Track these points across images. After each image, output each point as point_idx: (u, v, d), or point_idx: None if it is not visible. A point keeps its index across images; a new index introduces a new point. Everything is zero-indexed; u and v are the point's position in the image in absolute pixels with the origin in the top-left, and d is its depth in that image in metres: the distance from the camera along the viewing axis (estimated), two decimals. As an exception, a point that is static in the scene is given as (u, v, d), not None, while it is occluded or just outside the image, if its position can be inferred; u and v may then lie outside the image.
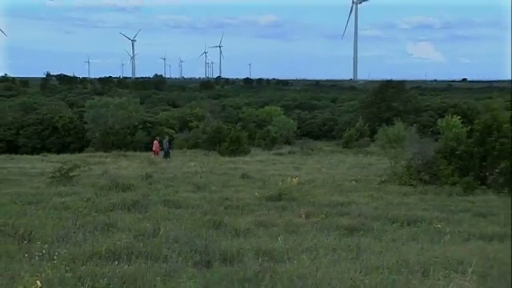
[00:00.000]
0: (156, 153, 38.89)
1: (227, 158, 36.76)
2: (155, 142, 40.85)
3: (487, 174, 20.50)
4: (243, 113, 72.85)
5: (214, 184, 20.40)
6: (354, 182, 22.06)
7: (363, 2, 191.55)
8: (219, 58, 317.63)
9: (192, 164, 30.25)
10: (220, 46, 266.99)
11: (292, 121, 66.18)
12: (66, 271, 7.46)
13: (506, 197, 18.20)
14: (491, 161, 20.50)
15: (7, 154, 42.98)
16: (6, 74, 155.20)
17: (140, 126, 54.43)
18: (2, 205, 14.56)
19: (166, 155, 37.54)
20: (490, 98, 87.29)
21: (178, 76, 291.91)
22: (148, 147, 48.79)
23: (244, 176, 23.30)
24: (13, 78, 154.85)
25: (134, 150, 46.22)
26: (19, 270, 7.74)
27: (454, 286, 6.76)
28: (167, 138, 42.15)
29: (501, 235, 11.92)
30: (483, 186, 19.78)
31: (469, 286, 6.88)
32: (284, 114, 69.84)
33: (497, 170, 20.05)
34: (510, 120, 22.88)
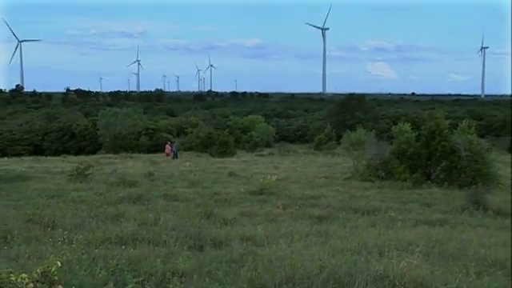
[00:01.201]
0: (168, 154, 38.79)
1: (217, 159, 36.67)
2: (167, 145, 40.71)
3: (432, 171, 20.67)
4: (230, 121, 72.57)
5: (205, 181, 20.31)
6: (323, 178, 22.06)
7: (326, 31, 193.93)
8: (210, 75, 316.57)
9: (187, 164, 30.13)
10: (211, 65, 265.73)
11: (271, 127, 66.12)
12: (83, 253, 7.48)
13: (446, 189, 18.38)
14: (435, 160, 20.67)
15: (34, 156, 42.76)
16: (34, 90, 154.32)
17: (143, 132, 54.12)
18: (30, 198, 14.52)
19: (175, 156, 37.68)
20: (433, 108, 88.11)
21: (175, 90, 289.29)
22: (150, 150, 48.62)
23: (231, 174, 23.22)
24: (40, 92, 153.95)
25: (139, 152, 45.91)
26: (45, 251, 7.77)
27: (404, 264, 6.81)
28: (176, 142, 42.26)
29: (442, 220, 12.06)
30: (428, 181, 19.93)
31: (416, 263, 6.95)
32: (265, 122, 69.74)
33: (439, 168, 20.26)
34: (449, 127, 23.12)
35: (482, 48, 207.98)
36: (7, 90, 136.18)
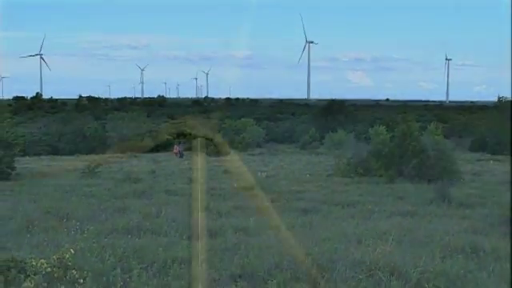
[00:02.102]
0: (176, 154, 38.88)
1: (213, 158, 36.63)
2: (175, 146, 40.89)
3: (404, 168, 20.73)
4: (225, 123, 72.52)
5: (202, 177, 20.25)
6: (308, 175, 22.08)
7: (312, 44, 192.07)
8: (207, 83, 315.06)
9: (186, 162, 30.07)
10: (207, 73, 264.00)
11: (261, 129, 65.72)
12: (93, 242, 7.52)
13: (417, 184, 18.46)
14: (407, 158, 20.71)
15: (51, 155, 42.99)
16: (51, 97, 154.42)
17: (147, 134, 54.05)
18: (48, 193, 14.46)
19: (181, 156, 37.70)
20: (405, 112, 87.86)
21: (175, 96, 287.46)
22: (153, 150, 48.38)
23: (225, 171, 23.19)
24: (56, 99, 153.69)
25: (143, 152, 45.75)
26: (61, 240, 7.85)
27: (379, 250, 6.87)
28: (182, 142, 42.39)
29: (412, 212, 12.09)
30: (401, 177, 19.99)
31: (389, 249, 7.02)
32: (255, 124, 69.49)
33: (410, 165, 20.33)
34: (419, 129, 23.25)
35: (447, 60, 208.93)
36: (28, 97, 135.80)
